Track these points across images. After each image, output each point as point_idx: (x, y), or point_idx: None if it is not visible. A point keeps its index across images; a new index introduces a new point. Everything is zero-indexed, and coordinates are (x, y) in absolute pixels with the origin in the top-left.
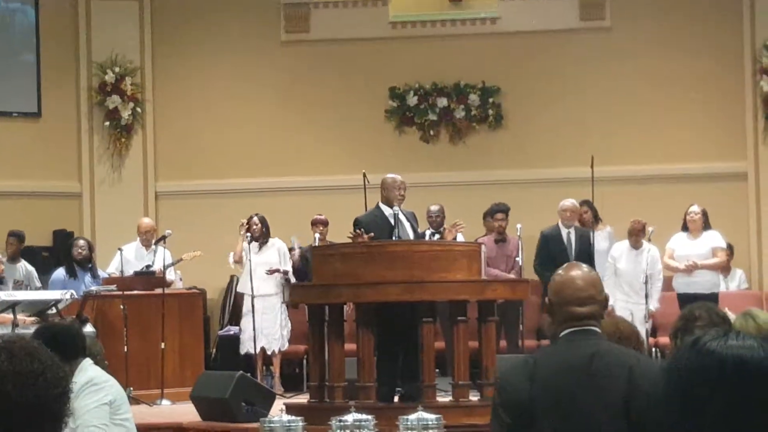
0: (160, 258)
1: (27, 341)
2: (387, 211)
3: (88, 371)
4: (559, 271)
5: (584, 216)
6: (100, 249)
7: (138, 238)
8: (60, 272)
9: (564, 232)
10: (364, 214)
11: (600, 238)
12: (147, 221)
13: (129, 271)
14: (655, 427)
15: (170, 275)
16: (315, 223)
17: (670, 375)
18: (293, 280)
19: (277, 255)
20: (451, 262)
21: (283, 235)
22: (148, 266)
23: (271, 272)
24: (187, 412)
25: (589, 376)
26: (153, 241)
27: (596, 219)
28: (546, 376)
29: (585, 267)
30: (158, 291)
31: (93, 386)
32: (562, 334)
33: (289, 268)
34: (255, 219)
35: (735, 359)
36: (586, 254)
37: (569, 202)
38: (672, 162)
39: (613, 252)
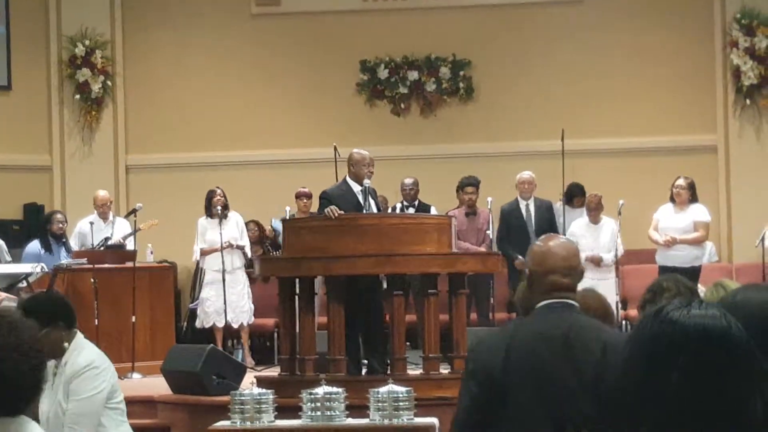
0: (118, 229)
1: (5, 315)
2: (355, 186)
3: (86, 350)
4: (539, 242)
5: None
6: (70, 222)
7: (95, 211)
8: (35, 245)
9: (522, 204)
10: (332, 188)
11: (577, 214)
12: (103, 193)
13: (87, 244)
14: (617, 390)
15: (129, 246)
16: (299, 196)
17: (634, 343)
18: (249, 254)
19: (236, 228)
20: (421, 235)
21: (252, 209)
22: (106, 238)
23: (226, 246)
24: (157, 385)
25: (565, 348)
26: (111, 214)
27: (580, 194)
28: (522, 347)
29: (564, 238)
30: (129, 264)
31: (93, 369)
32: (541, 304)
33: (246, 242)
34: (218, 191)
35: (697, 327)
36: (547, 226)
37: (526, 174)
38: (642, 135)
39: (572, 228)
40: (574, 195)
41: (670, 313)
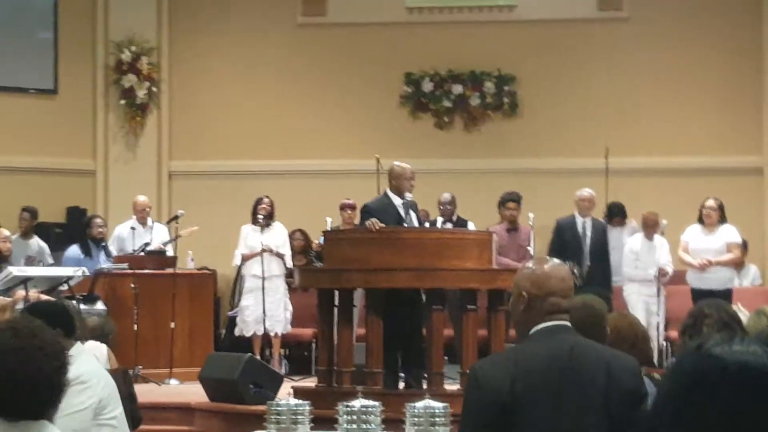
0: (157, 235)
1: (30, 320)
2: (396, 200)
3: (77, 362)
4: (532, 266)
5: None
6: (112, 227)
7: (134, 216)
8: (74, 249)
9: (579, 221)
10: (373, 201)
11: (625, 233)
12: (142, 198)
13: (127, 249)
14: (634, 424)
15: (169, 252)
16: (343, 207)
17: (672, 377)
18: (290, 264)
19: (278, 237)
20: (462, 250)
21: (293, 219)
22: (146, 244)
23: (266, 250)
24: (195, 392)
25: (571, 371)
26: (150, 219)
27: (620, 214)
28: (529, 373)
29: (555, 260)
30: (169, 270)
31: (80, 384)
32: (538, 328)
33: (287, 252)
34: (266, 200)
35: (738, 364)
36: (601, 246)
37: (587, 191)
38: (687, 155)
39: (631, 244)
40: (615, 215)
41: (712, 349)
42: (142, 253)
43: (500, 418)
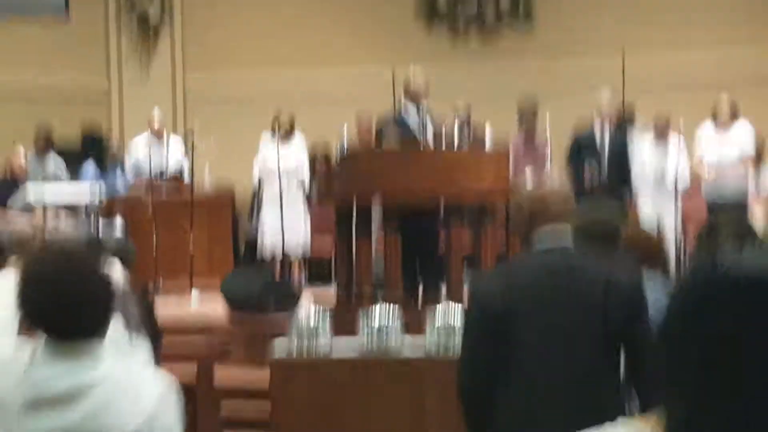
0: (173, 149)
1: (80, 243)
2: (412, 109)
3: None
4: (534, 186)
5: None
6: (126, 145)
7: (149, 130)
8: (90, 167)
9: (598, 125)
10: (389, 111)
11: (635, 136)
12: (157, 113)
13: (143, 166)
14: (634, 338)
15: (185, 165)
16: (359, 119)
17: (685, 289)
18: (306, 180)
19: (298, 151)
20: (478, 167)
21: (311, 129)
22: (161, 171)
23: (284, 170)
24: (215, 306)
25: (567, 284)
26: (165, 133)
27: (630, 117)
28: (523, 285)
29: (557, 181)
30: (186, 193)
31: None
32: (538, 245)
33: (305, 168)
34: (285, 113)
35: (749, 275)
36: (620, 149)
37: (605, 94)
38: (704, 50)
39: (641, 150)
40: (626, 117)
41: (723, 262)
42: (160, 176)
43: (496, 329)
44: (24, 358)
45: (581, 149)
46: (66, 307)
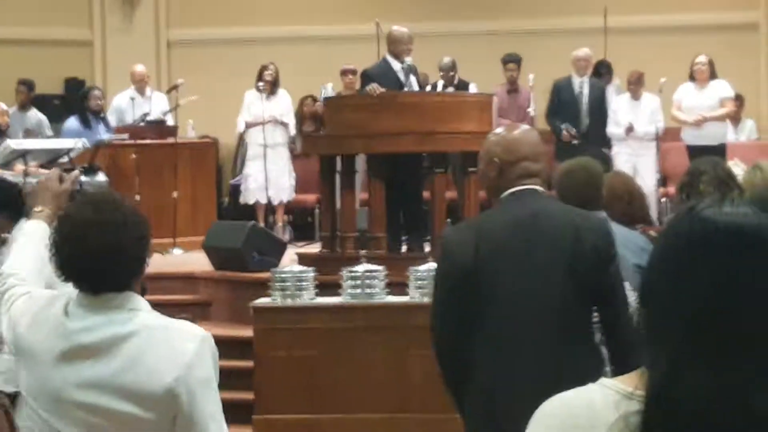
0: (156, 104)
1: (111, 195)
2: (395, 64)
3: None
4: (502, 132)
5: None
6: (110, 98)
7: (132, 86)
8: (73, 121)
9: (576, 81)
10: (372, 66)
11: (610, 92)
12: (140, 68)
13: (126, 120)
14: (603, 284)
15: (169, 122)
16: (344, 73)
17: (666, 240)
18: (293, 132)
19: (283, 104)
20: (462, 113)
21: (294, 85)
22: (145, 114)
23: (270, 120)
24: (199, 261)
25: (536, 234)
26: (149, 89)
27: (607, 73)
28: (492, 237)
29: (524, 126)
30: (170, 140)
31: None
32: (507, 193)
33: (291, 120)
34: (271, 67)
35: (728, 225)
36: (599, 105)
37: (583, 51)
38: (684, 12)
39: (613, 105)
40: (602, 73)
41: (703, 211)
42: (142, 124)
43: (466, 282)
44: (57, 309)
45: (560, 101)
46: (97, 261)
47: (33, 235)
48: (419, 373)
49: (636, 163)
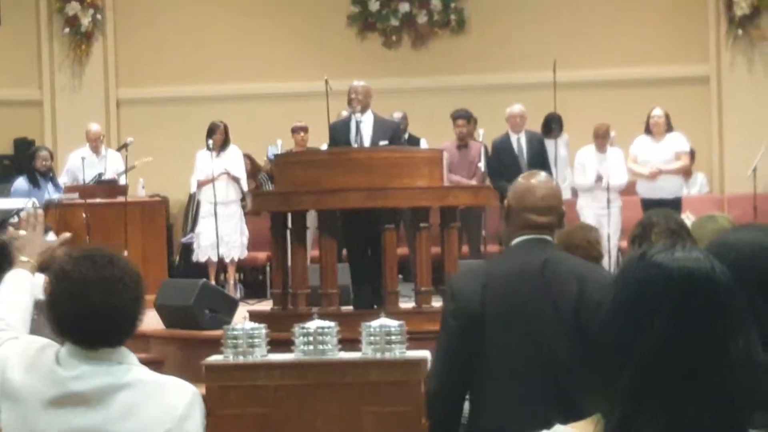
0: (111, 164)
1: (105, 250)
2: (353, 118)
3: None
4: (520, 179)
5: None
6: (61, 157)
7: (87, 145)
8: (22, 182)
9: (514, 138)
10: (335, 120)
11: (560, 145)
12: (96, 127)
13: (80, 179)
14: (602, 336)
15: (122, 182)
16: (295, 130)
17: (618, 286)
18: (245, 188)
19: (234, 161)
20: (413, 169)
21: (244, 143)
22: (99, 174)
23: (222, 174)
24: (150, 320)
25: (542, 283)
26: (104, 148)
27: (558, 127)
28: (499, 283)
29: (545, 176)
30: (120, 199)
31: None
32: (516, 241)
33: (243, 175)
34: (220, 126)
35: (681, 270)
36: (540, 159)
37: (517, 107)
38: (634, 65)
39: (578, 157)
40: (552, 127)
41: (655, 257)
42: (96, 183)
43: (472, 327)
44: (48, 356)
45: (500, 161)
46: (97, 319)
47: (18, 283)
48: (372, 430)
49: (599, 215)
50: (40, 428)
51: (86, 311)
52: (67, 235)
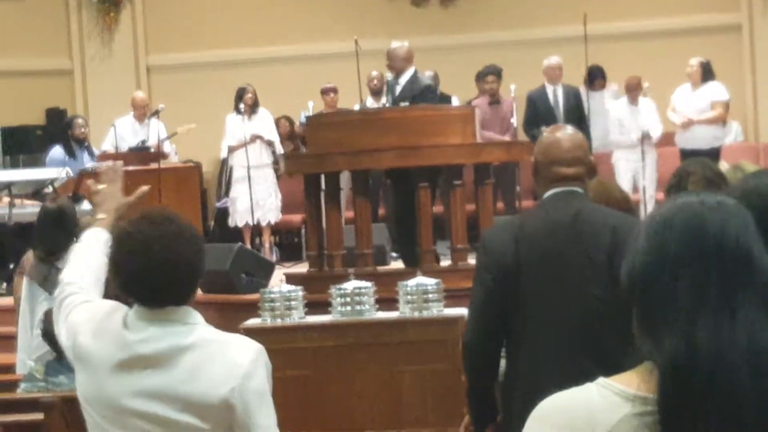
0: (154, 132)
1: (162, 209)
2: (392, 80)
3: None
4: (545, 132)
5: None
6: (93, 125)
7: (132, 113)
8: (58, 151)
9: (550, 90)
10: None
11: (606, 96)
12: (141, 95)
13: (123, 147)
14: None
15: (166, 148)
16: (325, 92)
17: (648, 227)
18: (280, 150)
19: (265, 124)
20: (445, 126)
21: (276, 106)
22: (143, 141)
23: (254, 140)
24: None
25: (574, 235)
26: (147, 116)
27: (600, 77)
28: (531, 236)
29: (571, 128)
30: (154, 166)
31: None
32: (546, 194)
33: (275, 138)
34: (249, 89)
35: (678, 215)
36: (576, 113)
37: (554, 59)
38: (665, 16)
39: (615, 110)
40: (595, 78)
41: (684, 200)
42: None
43: (505, 280)
44: (116, 320)
45: (536, 111)
46: (162, 274)
47: (93, 243)
48: (411, 389)
49: (635, 168)
50: (110, 391)
51: (150, 266)
52: (144, 188)
